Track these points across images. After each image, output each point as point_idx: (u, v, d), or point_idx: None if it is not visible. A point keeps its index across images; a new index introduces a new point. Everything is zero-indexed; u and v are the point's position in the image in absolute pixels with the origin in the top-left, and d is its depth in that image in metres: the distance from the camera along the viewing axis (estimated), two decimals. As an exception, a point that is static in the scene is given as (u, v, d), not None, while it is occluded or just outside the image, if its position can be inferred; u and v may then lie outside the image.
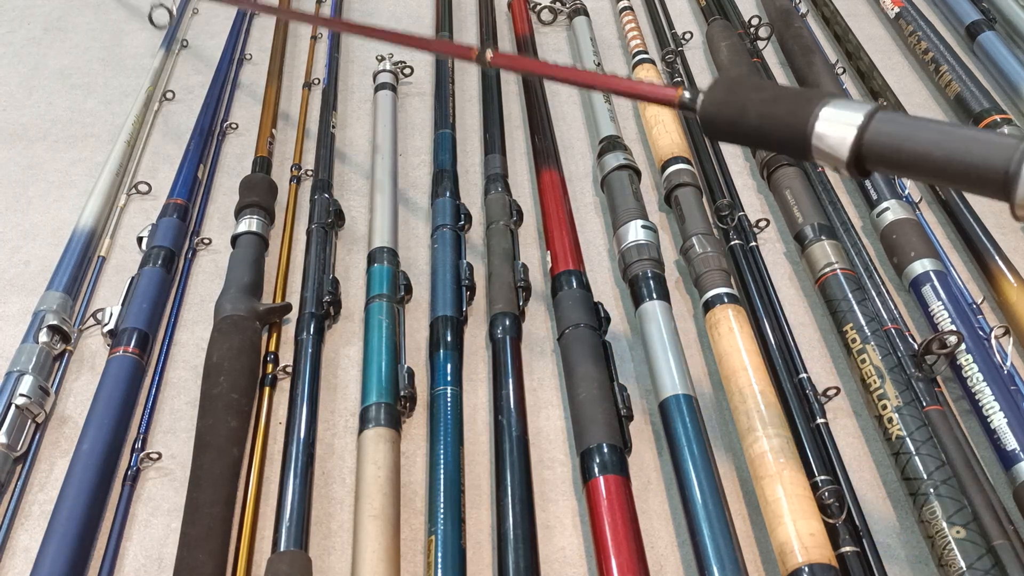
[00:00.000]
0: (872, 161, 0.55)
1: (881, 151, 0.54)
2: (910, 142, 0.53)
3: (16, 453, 0.90)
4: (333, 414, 0.96)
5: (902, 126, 0.53)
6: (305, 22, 1.20)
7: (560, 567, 0.82)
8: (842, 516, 0.77)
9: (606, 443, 0.82)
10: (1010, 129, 1.22)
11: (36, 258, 1.18)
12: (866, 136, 0.54)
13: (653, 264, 1.01)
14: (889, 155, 0.54)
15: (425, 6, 1.74)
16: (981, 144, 0.50)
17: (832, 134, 0.55)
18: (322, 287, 1.03)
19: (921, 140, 0.52)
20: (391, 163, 1.24)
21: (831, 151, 0.55)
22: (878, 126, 0.54)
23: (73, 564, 0.79)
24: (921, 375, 0.90)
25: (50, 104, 1.50)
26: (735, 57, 1.42)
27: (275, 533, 0.81)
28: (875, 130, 0.54)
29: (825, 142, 0.55)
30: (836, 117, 0.55)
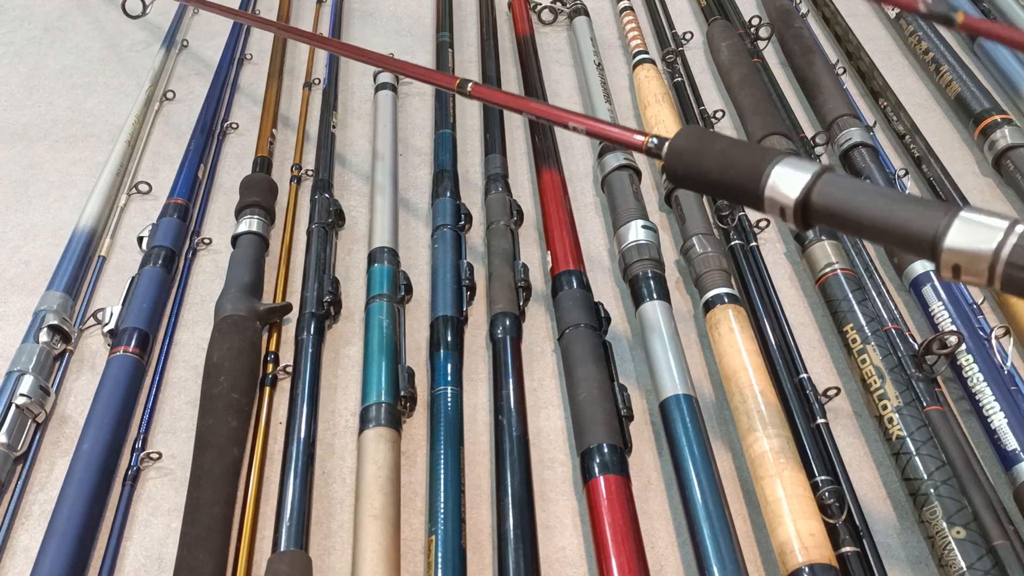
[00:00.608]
0: (816, 218, 0.60)
1: (824, 210, 0.59)
2: (850, 204, 0.57)
3: (16, 453, 0.90)
4: (333, 414, 0.96)
5: (843, 190, 0.58)
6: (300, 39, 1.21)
7: (560, 567, 0.82)
8: (842, 516, 0.77)
9: (606, 443, 0.82)
10: (1010, 129, 1.22)
11: (36, 258, 1.18)
12: (812, 196, 0.59)
13: (653, 264, 1.01)
14: (832, 214, 0.58)
15: (426, 6, 1.74)
16: (912, 211, 0.54)
17: (782, 191, 0.60)
18: (322, 287, 1.03)
19: (860, 203, 0.57)
20: (391, 163, 1.25)
21: (781, 206, 0.60)
22: (822, 187, 0.58)
23: (73, 564, 0.79)
24: (921, 375, 0.90)
25: (51, 104, 1.50)
26: (735, 57, 1.42)
27: (275, 533, 0.81)
28: (819, 191, 0.58)
29: (776, 197, 0.60)
30: (786, 176, 0.60)
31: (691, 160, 0.67)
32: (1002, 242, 0.50)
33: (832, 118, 1.27)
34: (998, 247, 0.50)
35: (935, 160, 1.21)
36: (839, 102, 1.29)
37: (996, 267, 0.50)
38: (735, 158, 0.64)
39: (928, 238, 0.52)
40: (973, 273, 0.51)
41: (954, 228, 0.51)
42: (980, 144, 1.26)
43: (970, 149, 1.31)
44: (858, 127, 1.24)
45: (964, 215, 0.52)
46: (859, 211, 0.57)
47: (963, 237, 0.51)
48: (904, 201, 0.55)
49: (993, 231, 0.50)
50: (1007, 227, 0.50)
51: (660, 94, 1.33)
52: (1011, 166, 1.20)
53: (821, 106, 1.31)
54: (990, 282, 0.51)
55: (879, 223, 0.55)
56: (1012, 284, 0.50)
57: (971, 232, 0.51)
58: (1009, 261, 0.50)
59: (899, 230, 0.54)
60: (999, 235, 0.50)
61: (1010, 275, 0.50)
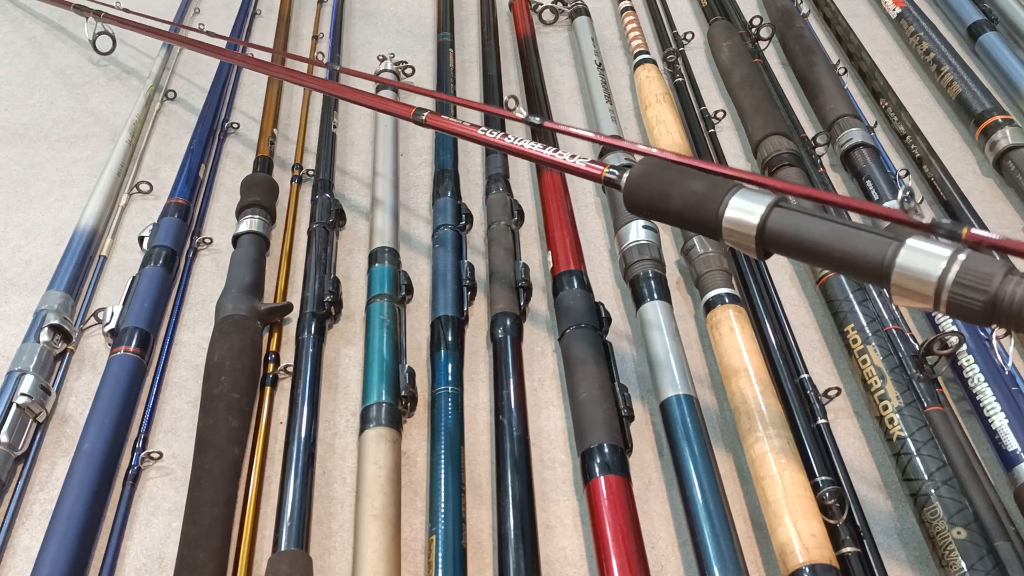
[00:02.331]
0: (772, 245, 0.62)
1: (779, 239, 0.61)
2: (804, 232, 0.60)
3: (17, 452, 0.90)
4: (334, 414, 0.96)
5: (796, 219, 0.60)
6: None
7: (561, 567, 0.82)
8: (843, 516, 0.77)
9: (607, 443, 0.82)
10: (1011, 130, 1.22)
11: (37, 257, 1.18)
12: (767, 225, 0.61)
13: (654, 264, 1.01)
14: (786, 242, 0.61)
15: (427, 6, 1.74)
16: (863, 241, 0.57)
17: (739, 220, 0.62)
18: (323, 287, 1.03)
19: (813, 233, 0.59)
20: (392, 163, 1.25)
21: (738, 235, 0.62)
22: (776, 218, 0.61)
23: (74, 563, 0.79)
24: (922, 376, 0.90)
25: (51, 104, 1.50)
26: (736, 57, 1.42)
27: (276, 533, 0.81)
28: (774, 221, 0.61)
29: (733, 228, 0.62)
30: (742, 207, 0.62)
31: (650, 192, 0.69)
32: (946, 269, 0.53)
33: (833, 118, 1.27)
34: (943, 274, 0.53)
35: (936, 160, 1.21)
36: (840, 102, 1.29)
37: (941, 293, 0.53)
38: (692, 190, 0.66)
39: (877, 266, 0.55)
40: (920, 299, 0.54)
41: (901, 256, 0.54)
42: (981, 144, 1.26)
43: (971, 149, 1.31)
44: (859, 127, 1.24)
45: (911, 243, 0.54)
46: (812, 241, 0.59)
47: (910, 265, 0.54)
48: (855, 230, 0.58)
49: (937, 259, 0.53)
50: (950, 255, 0.53)
51: (661, 94, 1.33)
52: (1012, 166, 1.20)
53: (822, 106, 1.31)
54: (936, 306, 0.53)
55: (832, 252, 0.58)
56: (956, 308, 0.53)
57: (917, 260, 0.54)
58: (953, 287, 0.52)
59: (850, 259, 0.57)
60: (943, 263, 0.53)
61: (954, 300, 0.53)
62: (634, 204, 0.70)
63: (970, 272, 0.52)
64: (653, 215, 0.70)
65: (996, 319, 0.53)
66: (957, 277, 0.52)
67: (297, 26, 1.69)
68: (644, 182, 0.69)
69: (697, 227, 0.66)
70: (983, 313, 0.52)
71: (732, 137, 1.35)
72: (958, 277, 0.52)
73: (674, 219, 0.68)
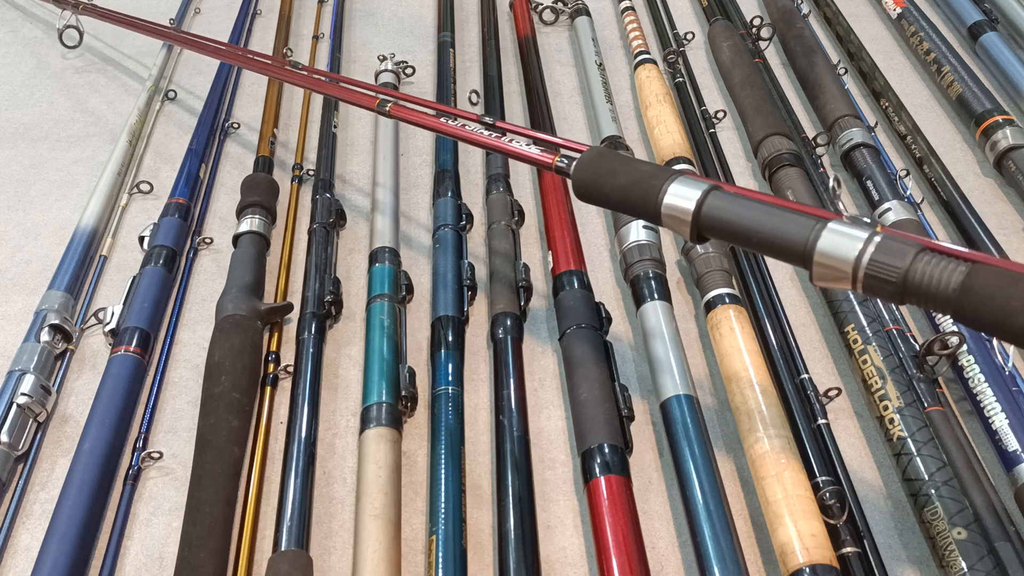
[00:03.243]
0: (706, 230, 0.65)
1: (712, 223, 0.64)
2: (735, 218, 0.63)
3: (18, 452, 0.90)
4: (334, 414, 0.96)
5: (729, 205, 0.64)
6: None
7: (561, 567, 0.82)
8: (843, 517, 0.77)
9: (607, 443, 0.82)
10: (1012, 130, 1.22)
11: (38, 257, 1.18)
12: (702, 210, 0.65)
13: (654, 264, 1.01)
14: (719, 227, 0.64)
15: (427, 6, 1.75)
16: (787, 223, 0.60)
17: (676, 205, 0.66)
18: (323, 287, 1.03)
19: (743, 217, 0.63)
20: (393, 163, 1.25)
21: (675, 219, 0.66)
22: (711, 203, 0.64)
23: (74, 563, 0.79)
24: (923, 376, 0.90)
25: (52, 104, 1.50)
26: (737, 57, 1.42)
27: (276, 532, 0.81)
28: (708, 206, 0.64)
29: (671, 213, 0.66)
30: (680, 192, 0.66)
31: (596, 179, 0.72)
32: (862, 250, 0.56)
33: (833, 118, 1.27)
34: (859, 254, 0.56)
35: (936, 161, 1.21)
36: (841, 102, 1.29)
37: (858, 272, 0.56)
38: (635, 177, 0.69)
39: (800, 248, 0.58)
40: (839, 279, 0.57)
41: (822, 239, 0.57)
42: (981, 145, 1.26)
43: (971, 150, 1.31)
44: (859, 127, 1.24)
45: (831, 226, 0.57)
46: (742, 224, 0.62)
47: (829, 247, 0.57)
48: (781, 214, 0.61)
49: (855, 240, 0.56)
50: (866, 237, 0.56)
51: (661, 94, 1.33)
52: (1012, 167, 1.19)
53: (823, 106, 1.31)
54: (854, 286, 0.56)
55: (760, 235, 0.61)
56: (871, 288, 0.56)
57: (836, 242, 0.57)
58: (868, 267, 0.55)
59: (776, 241, 0.60)
60: (859, 244, 0.56)
61: (869, 280, 0.55)
62: (582, 190, 0.74)
63: (884, 252, 0.55)
64: (600, 201, 0.74)
65: (907, 297, 0.55)
66: (872, 257, 0.55)
67: (298, 26, 1.69)
68: (592, 169, 0.73)
69: (639, 212, 0.69)
70: (895, 291, 0.55)
71: (732, 137, 1.35)
72: (873, 257, 0.55)
73: (618, 204, 0.72)
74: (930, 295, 0.54)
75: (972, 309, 0.52)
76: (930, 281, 0.54)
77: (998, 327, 0.52)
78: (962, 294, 0.52)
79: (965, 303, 0.52)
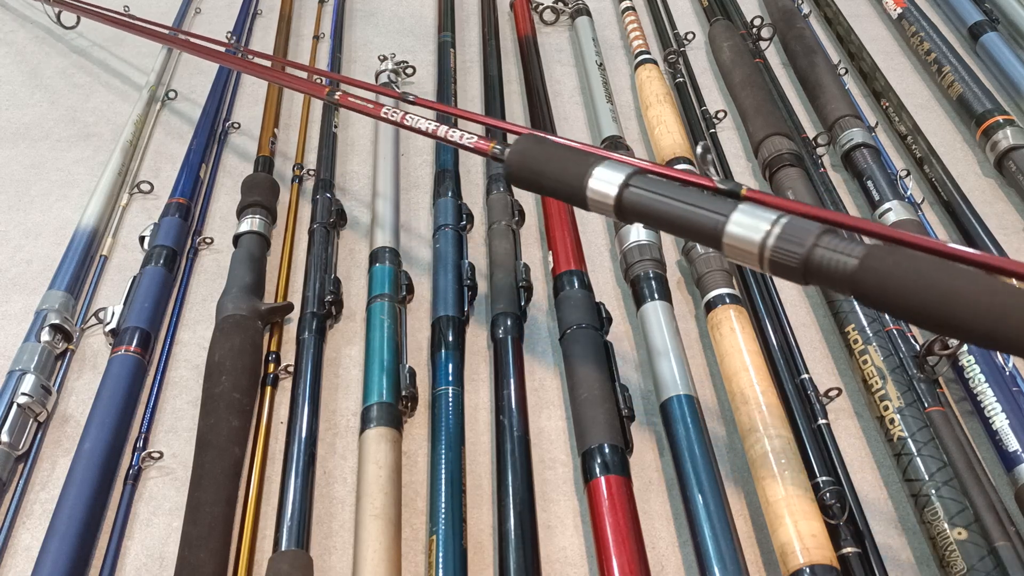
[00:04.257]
0: (628, 213, 0.67)
1: (634, 207, 0.67)
2: (654, 201, 0.66)
3: (18, 452, 0.90)
4: (334, 414, 0.96)
5: (649, 189, 0.66)
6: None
7: (561, 567, 0.82)
8: (843, 517, 0.77)
9: (607, 443, 0.82)
10: (1012, 130, 1.22)
11: (38, 257, 1.18)
12: (624, 194, 0.67)
13: (655, 264, 1.01)
14: (640, 211, 0.66)
15: (428, 6, 1.75)
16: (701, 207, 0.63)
17: (600, 190, 0.68)
18: (324, 287, 1.03)
19: (661, 201, 0.65)
20: (393, 163, 1.25)
21: (600, 204, 0.68)
22: (632, 187, 0.67)
23: (74, 563, 0.79)
24: (923, 376, 0.90)
25: (53, 103, 1.50)
26: (737, 58, 1.42)
27: (276, 532, 0.81)
28: (630, 190, 0.67)
29: (595, 197, 0.68)
30: (604, 176, 0.68)
31: (528, 165, 0.74)
32: (767, 234, 0.58)
33: (834, 119, 1.27)
34: (764, 238, 0.58)
35: (937, 161, 1.21)
36: (841, 103, 1.29)
37: (764, 253, 0.59)
38: (563, 163, 0.71)
39: (713, 230, 0.61)
40: (748, 259, 0.60)
41: (730, 223, 0.60)
42: (982, 145, 1.26)
43: (972, 150, 1.31)
44: (860, 128, 1.24)
45: (741, 208, 0.60)
46: (660, 207, 0.65)
47: (739, 229, 0.60)
48: (697, 198, 0.64)
49: (761, 223, 0.59)
50: (773, 221, 0.59)
51: (662, 94, 1.33)
52: (1013, 167, 1.19)
53: (823, 107, 1.31)
54: (761, 266, 0.59)
55: (678, 218, 0.64)
56: (776, 267, 0.58)
57: (744, 224, 0.60)
58: (772, 250, 0.58)
59: (692, 224, 0.63)
60: (765, 227, 0.59)
61: (774, 260, 0.58)
62: (515, 176, 0.76)
63: (787, 235, 0.58)
64: (532, 186, 0.76)
65: (810, 278, 0.57)
66: (776, 240, 0.58)
67: (298, 26, 1.69)
68: (523, 156, 0.75)
69: (567, 196, 0.71)
70: (798, 272, 0.57)
71: (733, 137, 1.35)
72: (777, 240, 0.58)
73: (549, 190, 0.74)
74: (830, 276, 0.56)
75: (869, 289, 0.54)
76: (830, 263, 0.56)
77: (894, 306, 0.53)
78: (858, 275, 0.54)
79: (862, 283, 0.54)
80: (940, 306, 0.51)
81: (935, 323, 0.52)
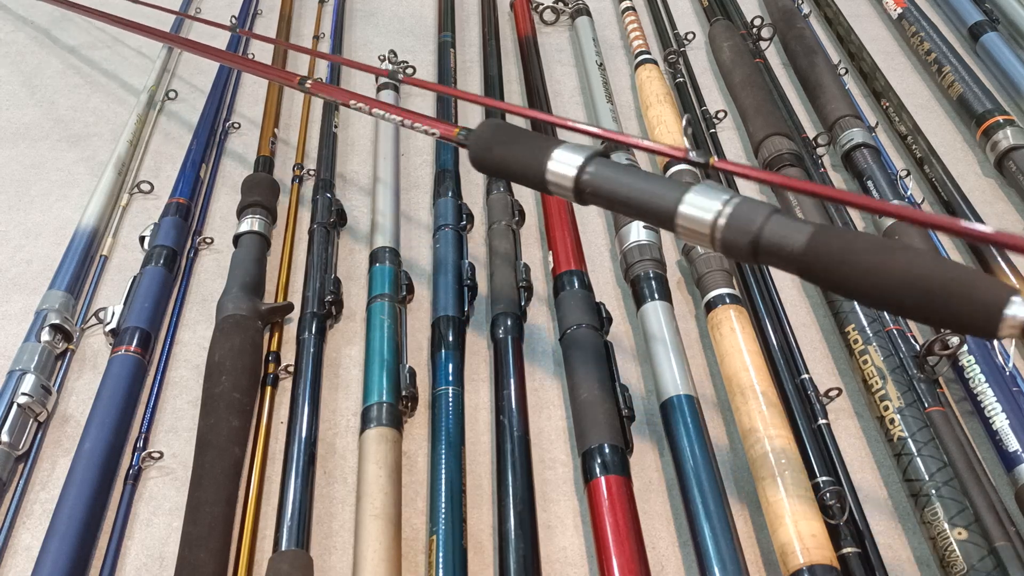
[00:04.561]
0: (587, 194, 0.68)
1: (592, 189, 0.68)
2: (611, 183, 0.67)
3: (18, 452, 0.90)
4: (335, 414, 0.96)
5: (606, 171, 0.67)
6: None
7: (561, 567, 0.82)
8: (843, 517, 0.77)
9: (607, 443, 0.82)
10: (1013, 130, 1.22)
11: (38, 257, 1.18)
12: (582, 175, 0.68)
13: (655, 264, 1.01)
14: (598, 192, 0.67)
15: (428, 6, 1.75)
16: (656, 188, 0.64)
17: (559, 172, 0.69)
18: (324, 287, 1.03)
19: (618, 183, 0.66)
20: (393, 163, 1.25)
21: (560, 186, 0.69)
22: (590, 170, 0.68)
23: (75, 563, 0.79)
24: (923, 376, 0.90)
25: (53, 103, 1.50)
26: (737, 58, 1.42)
27: (276, 532, 0.81)
28: (588, 173, 0.68)
29: (555, 180, 0.69)
30: (563, 159, 0.69)
31: (490, 149, 0.75)
32: (719, 213, 0.60)
33: (834, 119, 1.27)
34: (716, 216, 0.60)
35: (937, 161, 1.21)
36: (841, 103, 1.29)
37: (715, 233, 0.60)
38: (525, 147, 0.72)
39: (667, 211, 0.62)
40: (700, 239, 0.61)
41: (683, 203, 0.62)
42: (982, 145, 1.26)
43: (972, 150, 1.31)
44: (860, 128, 1.24)
45: (695, 188, 0.62)
46: (618, 189, 0.66)
47: (691, 210, 0.61)
48: (651, 180, 0.65)
49: (713, 203, 0.60)
50: (725, 200, 0.60)
51: (662, 94, 1.33)
52: (1013, 167, 1.19)
53: (823, 107, 1.31)
54: (713, 246, 0.60)
55: (633, 199, 0.65)
56: (727, 248, 0.60)
57: (697, 205, 0.61)
58: (723, 229, 0.60)
59: (647, 205, 0.64)
60: (717, 206, 0.60)
61: (724, 241, 0.60)
62: (478, 160, 0.77)
63: (737, 215, 0.59)
64: (494, 170, 0.77)
65: (760, 257, 0.58)
66: (728, 219, 0.59)
67: (298, 26, 1.69)
68: (486, 141, 0.76)
69: (529, 180, 0.72)
70: (749, 251, 0.59)
71: (733, 137, 1.35)
72: (728, 219, 0.59)
73: (512, 174, 0.75)
74: (779, 254, 0.57)
75: (815, 267, 0.56)
76: (779, 241, 0.57)
77: (839, 284, 0.55)
78: (806, 253, 0.56)
79: (809, 261, 0.56)
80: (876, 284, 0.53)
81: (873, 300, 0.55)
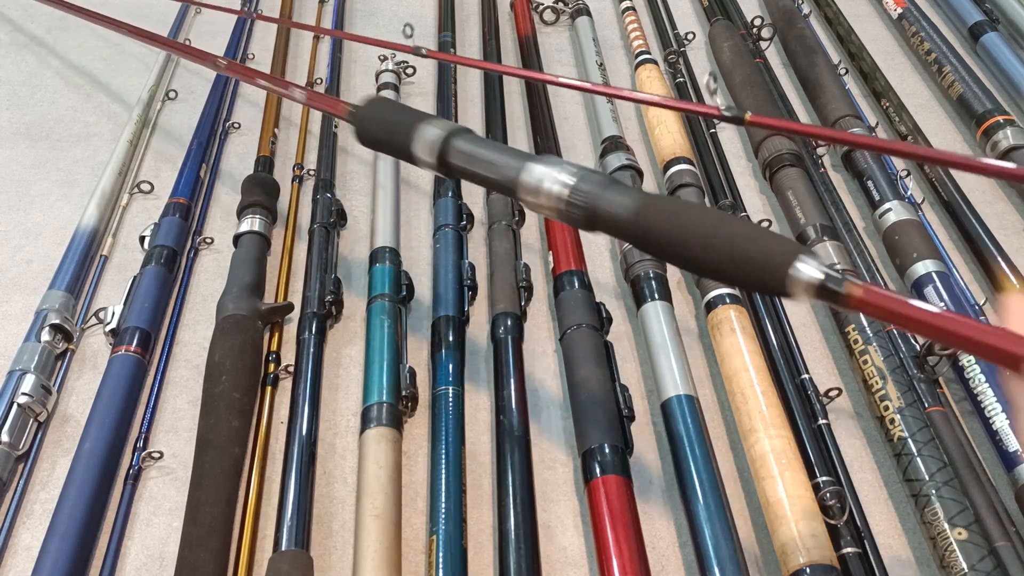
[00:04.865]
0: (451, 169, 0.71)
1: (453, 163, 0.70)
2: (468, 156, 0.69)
3: (18, 452, 0.90)
4: (335, 413, 0.96)
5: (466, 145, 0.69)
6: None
7: (561, 567, 0.82)
8: (843, 517, 0.77)
9: (607, 443, 0.82)
10: (1013, 130, 1.22)
11: (38, 257, 1.18)
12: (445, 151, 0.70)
13: (655, 264, 1.01)
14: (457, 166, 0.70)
15: (428, 6, 1.74)
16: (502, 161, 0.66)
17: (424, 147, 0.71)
18: (324, 287, 1.03)
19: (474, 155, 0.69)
20: (393, 163, 1.24)
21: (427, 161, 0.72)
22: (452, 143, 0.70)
23: (75, 563, 0.79)
24: (923, 376, 0.90)
25: (53, 103, 1.50)
26: (738, 58, 1.42)
27: (276, 532, 0.81)
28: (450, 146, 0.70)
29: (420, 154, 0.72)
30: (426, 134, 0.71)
31: (371, 125, 0.78)
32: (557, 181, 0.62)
33: (834, 119, 1.27)
34: (554, 185, 0.62)
35: (937, 161, 1.21)
36: (841, 103, 1.29)
37: (555, 203, 0.62)
38: (399, 122, 0.75)
39: (511, 180, 0.65)
40: (541, 209, 0.64)
41: (525, 172, 0.64)
42: (982, 145, 1.26)
43: (972, 150, 1.31)
44: (860, 128, 1.24)
45: (538, 159, 0.64)
46: (475, 159, 0.68)
47: (531, 179, 0.63)
48: (502, 151, 0.68)
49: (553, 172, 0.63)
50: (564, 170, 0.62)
51: (662, 94, 1.33)
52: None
53: (823, 107, 1.31)
54: (554, 215, 0.63)
55: (484, 170, 0.68)
56: (566, 216, 0.62)
57: (538, 174, 0.63)
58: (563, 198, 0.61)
59: (496, 178, 0.67)
60: (556, 175, 0.62)
61: (564, 210, 0.62)
62: (360, 135, 0.79)
63: (576, 186, 0.61)
64: (375, 144, 0.79)
65: (598, 226, 0.61)
66: (566, 191, 0.61)
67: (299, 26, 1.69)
68: (366, 116, 0.78)
69: (403, 156, 0.74)
70: (587, 221, 0.61)
71: (733, 137, 1.35)
72: (567, 191, 0.61)
73: (388, 147, 0.77)
74: (614, 224, 0.59)
75: (646, 234, 0.58)
76: (613, 210, 0.59)
77: (666, 251, 0.57)
78: (637, 223, 0.58)
79: (641, 228, 0.58)
80: (701, 251, 0.55)
81: (697, 267, 0.58)
